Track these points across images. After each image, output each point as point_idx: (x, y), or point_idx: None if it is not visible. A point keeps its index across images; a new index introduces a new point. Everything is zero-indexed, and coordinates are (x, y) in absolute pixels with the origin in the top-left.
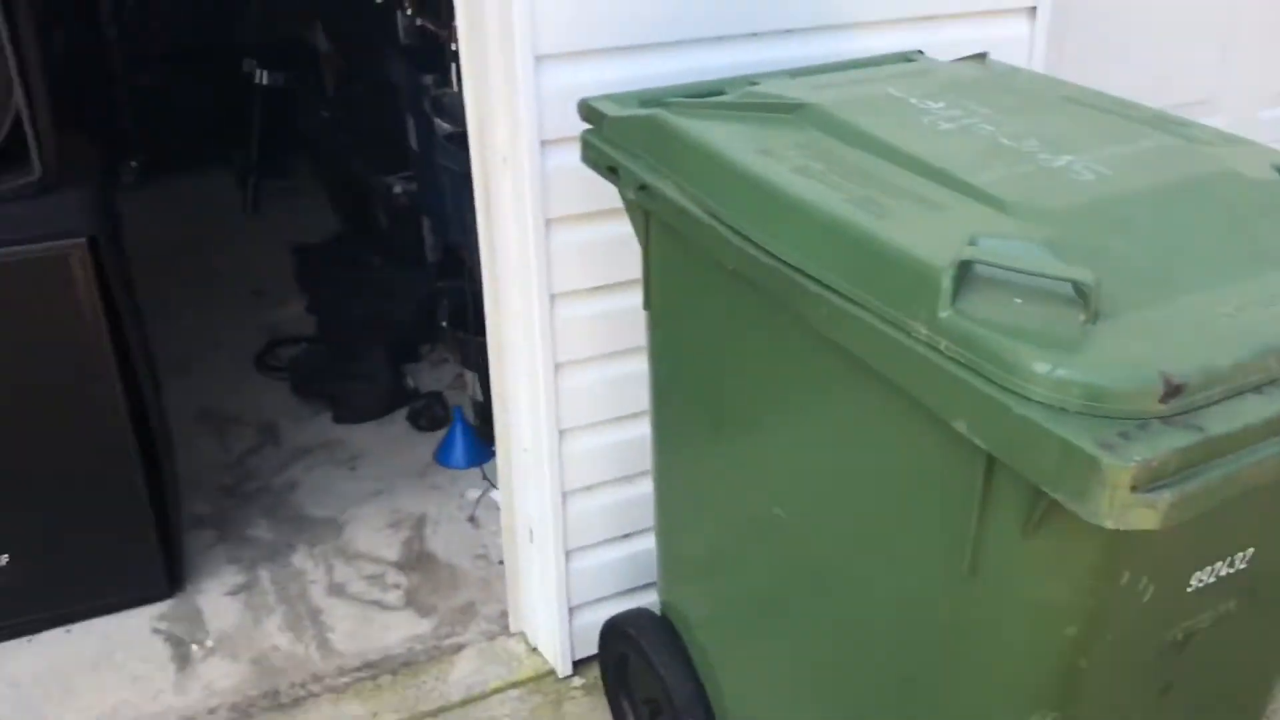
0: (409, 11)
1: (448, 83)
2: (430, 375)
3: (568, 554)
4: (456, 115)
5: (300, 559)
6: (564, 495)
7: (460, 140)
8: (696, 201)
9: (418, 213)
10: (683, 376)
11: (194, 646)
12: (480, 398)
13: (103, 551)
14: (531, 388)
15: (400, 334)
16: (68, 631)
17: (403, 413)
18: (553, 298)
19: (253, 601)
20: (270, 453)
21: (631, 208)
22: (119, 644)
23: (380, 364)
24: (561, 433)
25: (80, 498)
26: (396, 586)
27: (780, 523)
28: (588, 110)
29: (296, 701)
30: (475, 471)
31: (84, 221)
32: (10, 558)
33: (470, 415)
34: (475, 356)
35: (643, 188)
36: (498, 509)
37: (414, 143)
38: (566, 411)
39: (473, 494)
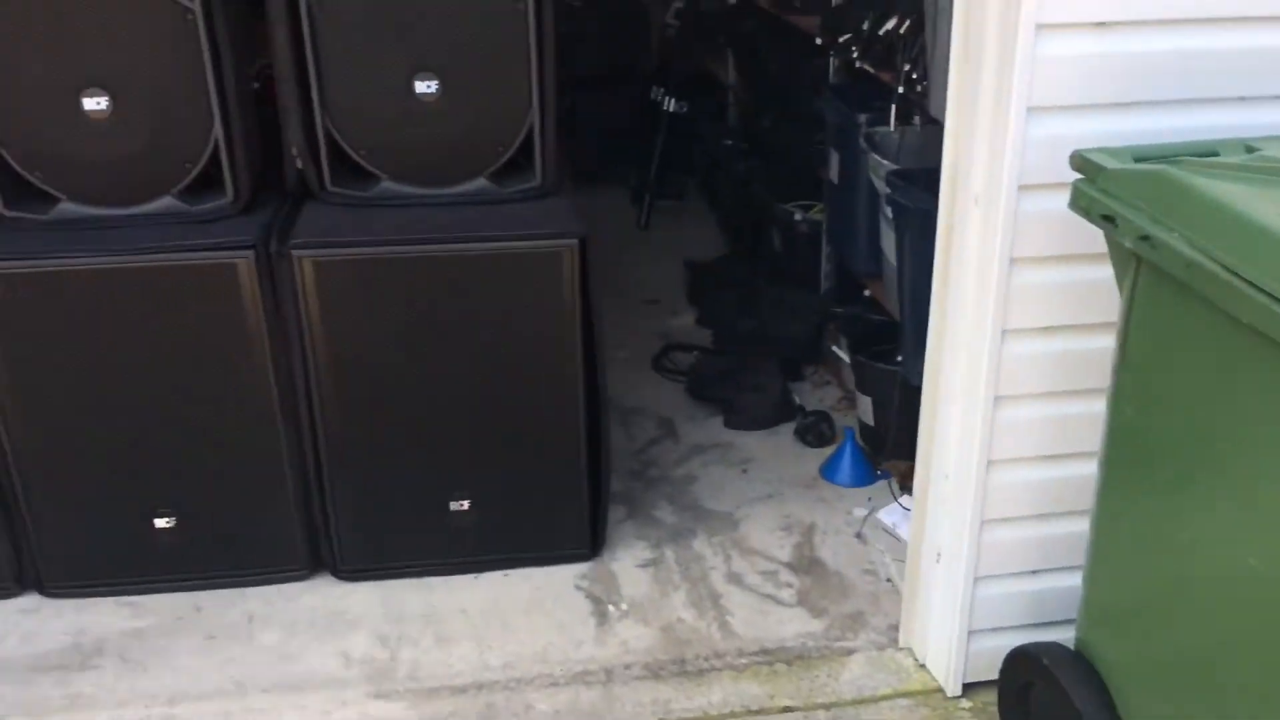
0: (853, 55)
1: (883, 121)
2: (813, 395)
3: (975, 580)
4: (896, 152)
5: (700, 545)
6: (981, 524)
7: (903, 176)
8: (1210, 256)
9: (817, 240)
10: (1153, 421)
11: (610, 607)
12: (871, 422)
13: (544, 509)
14: (966, 417)
15: (790, 352)
16: (505, 575)
17: (789, 426)
18: (1004, 333)
19: (660, 576)
20: (669, 446)
21: (1121, 256)
22: (547, 594)
23: (771, 378)
24: (989, 463)
25: (535, 460)
26: (789, 585)
27: (1253, 574)
28: (1081, 162)
29: (701, 673)
30: (860, 491)
31: (575, 224)
32: (472, 503)
33: (859, 437)
34: (873, 381)
35: (1144, 238)
36: (883, 530)
37: (833, 175)
38: (998, 444)
39: (859, 512)
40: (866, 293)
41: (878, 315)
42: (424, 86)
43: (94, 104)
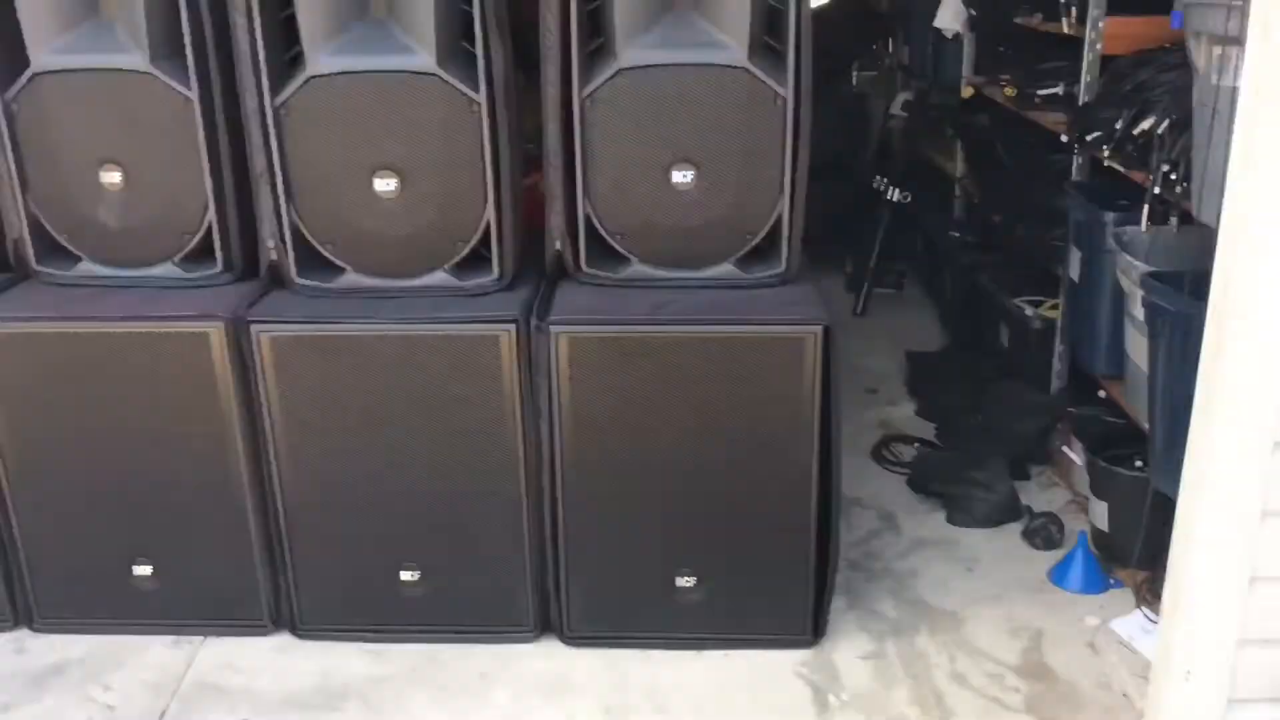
0: (1102, 153)
1: (1132, 221)
2: (1040, 496)
3: (1229, 703)
4: (1147, 253)
5: (923, 641)
6: (1239, 643)
7: (1160, 278)
8: None
9: (1049, 337)
10: None
11: (831, 696)
12: (1106, 528)
13: (769, 593)
14: (1228, 531)
15: (1017, 450)
16: (726, 655)
17: (1014, 526)
18: (1275, 445)
19: (881, 669)
20: (890, 538)
21: None
22: (768, 677)
23: (997, 476)
24: (1252, 580)
25: (763, 543)
26: (1016, 690)
27: None
28: None
29: None
30: (1092, 599)
31: (819, 311)
32: (698, 580)
33: (1091, 542)
34: (1111, 487)
35: None
36: (1117, 641)
37: (1073, 273)
38: (1264, 559)
39: (1091, 621)
40: (1102, 394)
41: (1116, 418)
42: (680, 176)
43: (384, 185)
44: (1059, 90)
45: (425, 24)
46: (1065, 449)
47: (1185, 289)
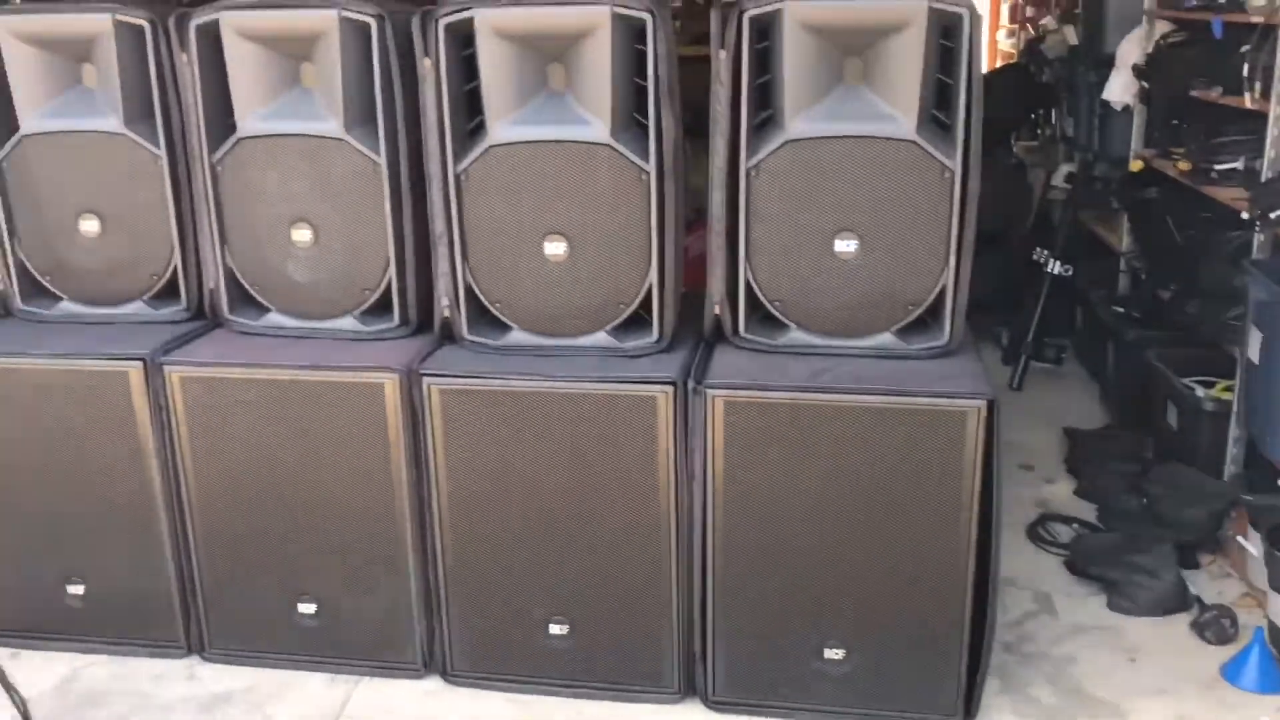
0: None
1: None
2: (1211, 586)
3: None
4: None
5: None
6: None
7: None
8: None
9: (1223, 420)
10: None
11: None
12: None
13: (919, 671)
14: None
15: (1186, 537)
16: None
17: (1182, 617)
18: None
19: None
20: (1046, 621)
21: None
22: None
23: (1163, 563)
24: None
25: (915, 619)
26: None
27: None
28: None
29: None
30: (1269, 699)
31: (983, 385)
32: (846, 653)
33: (1269, 639)
34: None
35: None
36: None
37: (1252, 354)
38: None
39: None
40: None
41: None
42: (843, 245)
43: (554, 249)
44: (1238, 165)
45: (601, 97)
46: (1240, 539)
47: None
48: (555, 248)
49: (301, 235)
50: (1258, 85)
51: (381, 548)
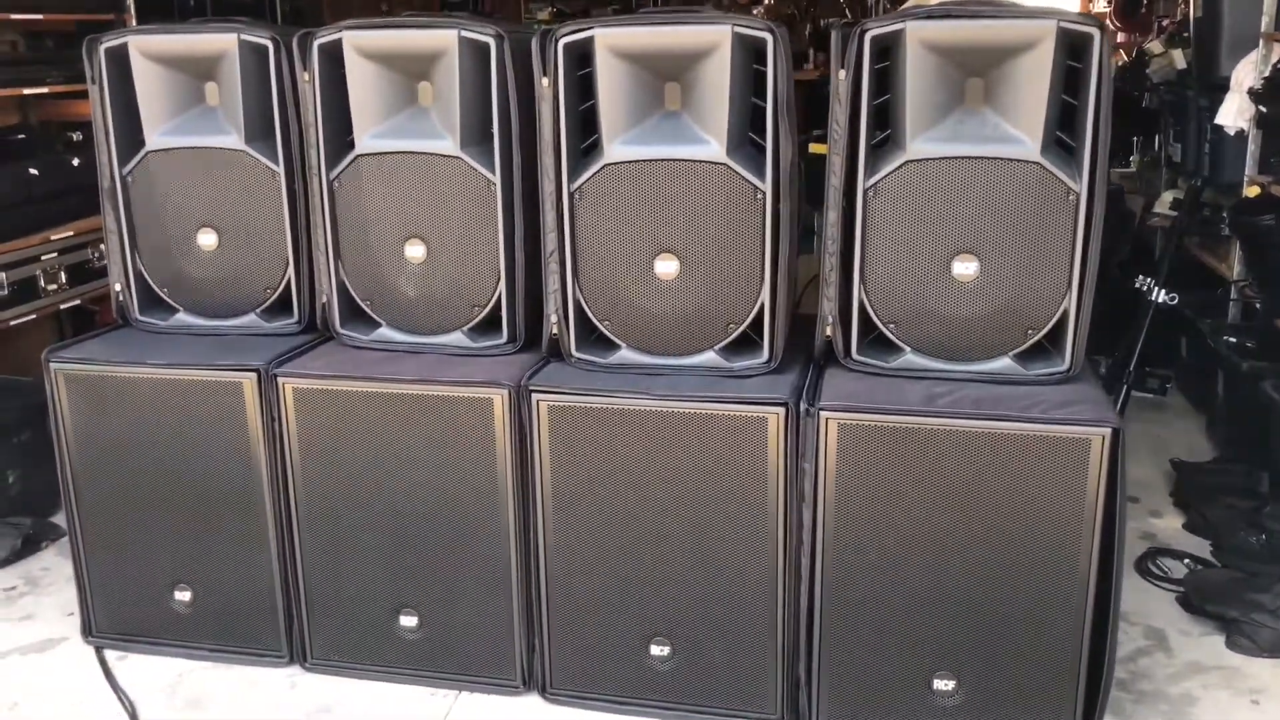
0: None
1: None
2: None
3: None
4: None
5: None
6: None
7: None
8: None
9: None
10: None
11: None
12: None
13: (1034, 705)
14: None
15: None
16: None
17: None
18: None
19: None
20: (1161, 659)
21: None
22: None
23: None
24: None
25: (1029, 652)
26: None
27: None
28: None
29: None
30: None
31: (1108, 413)
32: (957, 684)
33: None
34: None
35: None
36: None
37: None
38: None
39: None
40: None
41: None
42: (962, 267)
43: (665, 267)
44: None
45: (718, 116)
46: None
47: None
48: (667, 266)
49: (414, 251)
50: None
51: (485, 562)
